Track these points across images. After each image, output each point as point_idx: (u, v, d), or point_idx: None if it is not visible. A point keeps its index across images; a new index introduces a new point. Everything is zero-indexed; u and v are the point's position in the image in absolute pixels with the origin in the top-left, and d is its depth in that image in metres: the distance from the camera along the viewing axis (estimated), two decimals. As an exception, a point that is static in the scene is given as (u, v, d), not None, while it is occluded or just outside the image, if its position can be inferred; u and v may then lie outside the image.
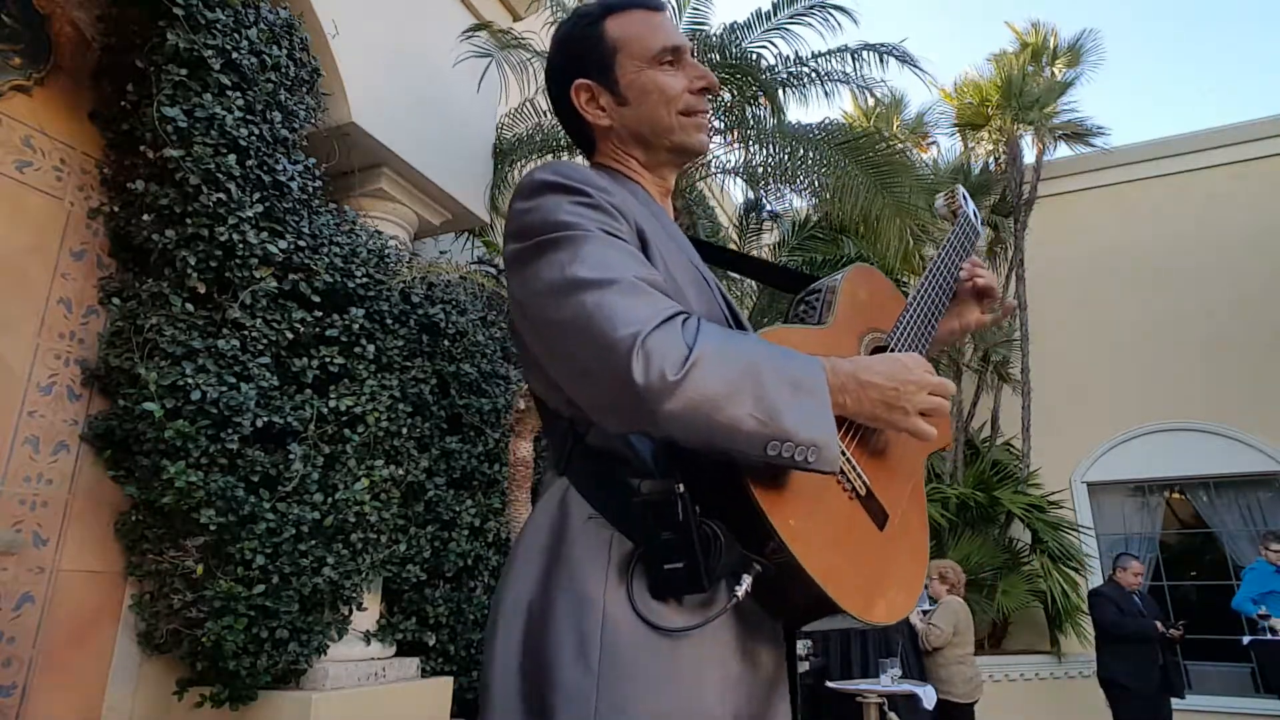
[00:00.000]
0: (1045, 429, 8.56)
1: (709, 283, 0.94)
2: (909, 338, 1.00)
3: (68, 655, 2.93)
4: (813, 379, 0.74)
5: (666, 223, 0.97)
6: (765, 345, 0.76)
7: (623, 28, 0.99)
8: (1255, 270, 8.40)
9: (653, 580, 0.75)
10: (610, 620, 0.74)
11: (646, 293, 0.74)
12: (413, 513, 3.77)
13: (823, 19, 4.80)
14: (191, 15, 2.92)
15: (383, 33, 4.12)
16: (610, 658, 0.73)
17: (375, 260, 3.67)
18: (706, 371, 0.69)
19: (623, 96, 0.99)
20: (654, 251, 0.86)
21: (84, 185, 3.23)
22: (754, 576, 0.73)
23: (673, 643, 0.74)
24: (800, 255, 6.93)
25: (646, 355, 0.68)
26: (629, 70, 0.98)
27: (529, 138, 5.01)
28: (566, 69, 1.01)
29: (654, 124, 0.98)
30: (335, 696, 3.14)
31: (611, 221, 0.82)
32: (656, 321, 0.70)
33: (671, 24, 1.03)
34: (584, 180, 0.85)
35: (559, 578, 0.78)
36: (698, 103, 0.99)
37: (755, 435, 0.70)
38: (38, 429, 2.95)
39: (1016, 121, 9.17)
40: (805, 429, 0.70)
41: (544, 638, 0.76)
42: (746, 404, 0.69)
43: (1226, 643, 7.28)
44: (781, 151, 5.10)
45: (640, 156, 1.01)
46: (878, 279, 1.10)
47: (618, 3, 1.01)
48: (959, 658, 4.79)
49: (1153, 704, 4.95)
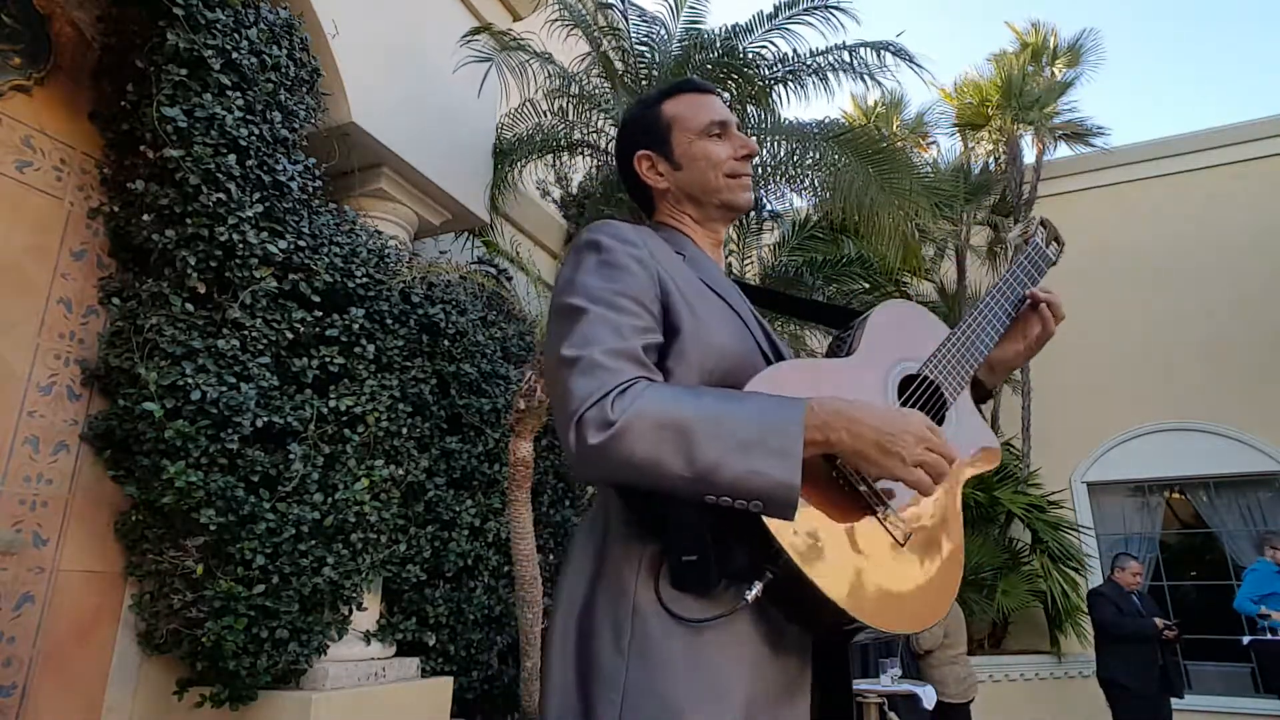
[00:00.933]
0: (1045, 429, 8.56)
1: (745, 321, 1.05)
2: (943, 367, 1.05)
3: (68, 655, 2.93)
4: (777, 432, 0.80)
5: (708, 269, 1.09)
6: (719, 402, 0.83)
7: (676, 107, 1.18)
8: (1255, 270, 8.39)
9: (672, 570, 0.85)
10: (640, 610, 0.85)
11: (602, 370, 0.85)
12: (413, 513, 3.77)
13: (823, 18, 4.80)
14: (191, 15, 2.92)
15: (383, 33, 4.12)
16: (639, 644, 0.84)
17: (375, 260, 3.67)
18: (631, 440, 0.80)
19: (677, 163, 1.16)
20: (675, 296, 0.98)
21: (84, 185, 3.23)
22: (765, 583, 0.81)
23: (695, 634, 0.84)
24: (800, 255, 6.93)
25: (580, 427, 0.82)
26: (682, 141, 1.16)
27: (529, 137, 5.01)
28: (631, 144, 1.20)
29: (703, 185, 1.15)
30: (335, 696, 3.14)
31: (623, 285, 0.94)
32: (595, 398, 0.82)
33: (719, 104, 1.19)
34: (617, 238, 0.99)
35: (602, 573, 0.90)
36: (741, 167, 1.16)
37: (689, 491, 0.81)
38: (38, 429, 2.95)
39: (1016, 121, 9.17)
40: (747, 483, 0.78)
41: (588, 626, 0.88)
42: (676, 465, 0.80)
43: (1226, 643, 7.28)
44: (779, 149, 5.10)
45: (692, 213, 1.18)
46: (913, 312, 1.15)
47: (672, 87, 1.21)
48: (951, 658, 4.81)
49: (1152, 704, 4.95)
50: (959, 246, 9.30)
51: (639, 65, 5.08)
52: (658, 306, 0.96)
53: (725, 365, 0.97)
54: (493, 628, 4.21)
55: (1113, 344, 8.72)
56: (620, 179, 1.24)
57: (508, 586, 4.22)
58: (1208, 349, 8.36)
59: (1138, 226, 9.02)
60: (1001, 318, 1.14)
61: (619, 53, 5.13)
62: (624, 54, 5.11)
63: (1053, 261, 1.26)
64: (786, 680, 0.90)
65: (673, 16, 5.14)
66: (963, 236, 9.28)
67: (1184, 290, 8.65)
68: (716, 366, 0.96)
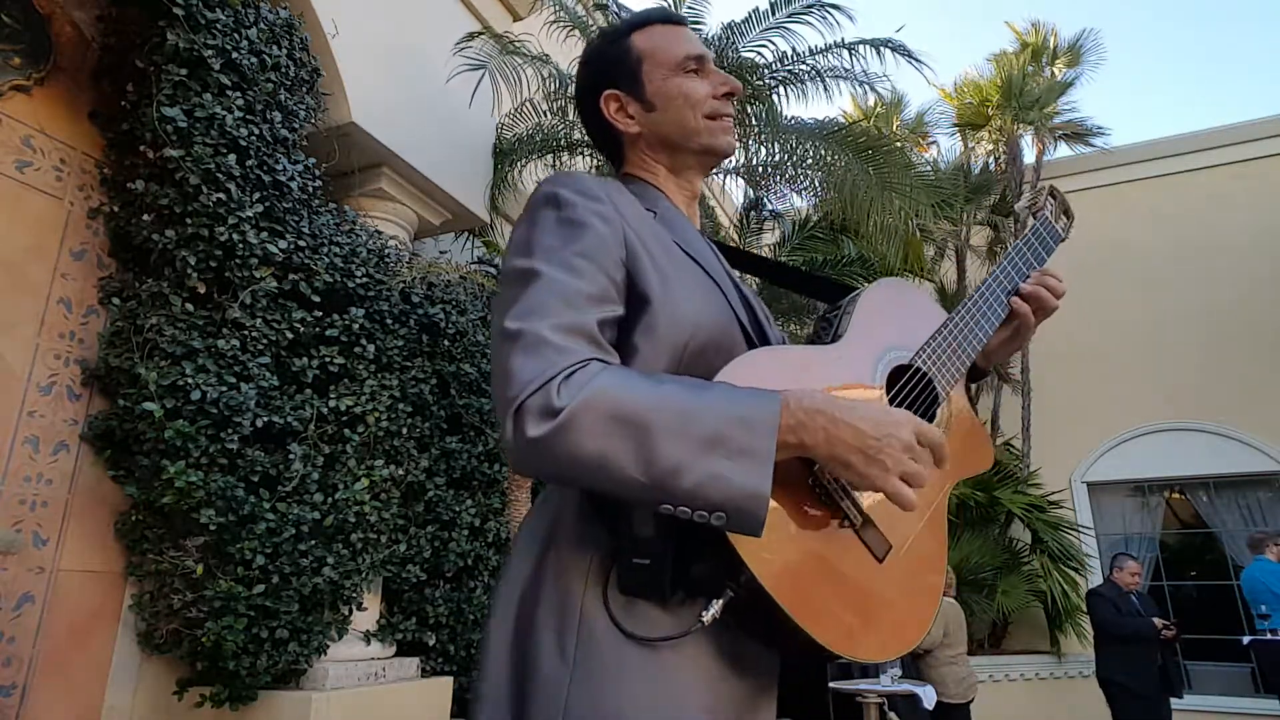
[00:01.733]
0: (1045, 429, 8.57)
1: (724, 290, 0.93)
2: (938, 357, 0.94)
3: (68, 655, 2.93)
4: (746, 429, 0.70)
5: (682, 229, 0.97)
6: (683, 394, 0.72)
7: (648, 39, 1.04)
8: (1256, 270, 8.40)
9: (620, 572, 0.75)
10: (587, 616, 0.75)
11: (549, 347, 0.73)
12: (413, 513, 3.77)
13: (821, 17, 4.80)
14: (191, 15, 2.92)
15: (383, 33, 4.12)
16: (585, 651, 0.74)
17: (375, 260, 3.67)
18: (578, 434, 0.68)
19: (650, 103, 1.03)
20: (644, 260, 0.86)
21: (84, 185, 3.23)
22: (726, 601, 0.72)
23: (645, 648, 0.74)
24: (801, 255, 6.93)
25: (519, 417, 0.70)
26: (655, 78, 1.03)
27: (529, 137, 5.01)
28: (596, 83, 1.06)
29: (680, 127, 1.02)
30: (335, 696, 3.14)
31: (583, 244, 0.82)
32: (539, 382, 0.70)
33: (694, 37, 1.07)
34: (578, 191, 0.87)
35: (549, 570, 0.80)
36: (722, 106, 1.03)
37: (644, 496, 0.69)
38: (38, 429, 2.95)
39: (1016, 121, 9.18)
40: (709, 491, 0.67)
41: (530, 627, 0.78)
42: (629, 466, 0.68)
43: (1226, 643, 7.28)
44: (778, 147, 5.10)
45: (666, 162, 1.05)
46: (908, 293, 1.04)
47: (641, 18, 1.07)
48: (950, 659, 4.81)
49: (1152, 704, 4.95)
50: (959, 246, 9.31)
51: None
52: (621, 272, 0.84)
53: (699, 340, 0.85)
54: (493, 628, 4.20)
55: (1113, 344, 8.72)
56: (583, 123, 1.10)
57: (508, 586, 4.21)
58: (1208, 349, 8.36)
59: (1138, 226, 9.02)
60: (1004, 301, 1.04)
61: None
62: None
63: (1062, 237, 1.15)
64: (751, 691, 0.81)
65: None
66: (963, 236, 9.29)
67: (1184, 290, 8.65)
68: (690, 342, 0.84)
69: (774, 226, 7.78)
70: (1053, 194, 1.15)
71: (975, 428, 1.00)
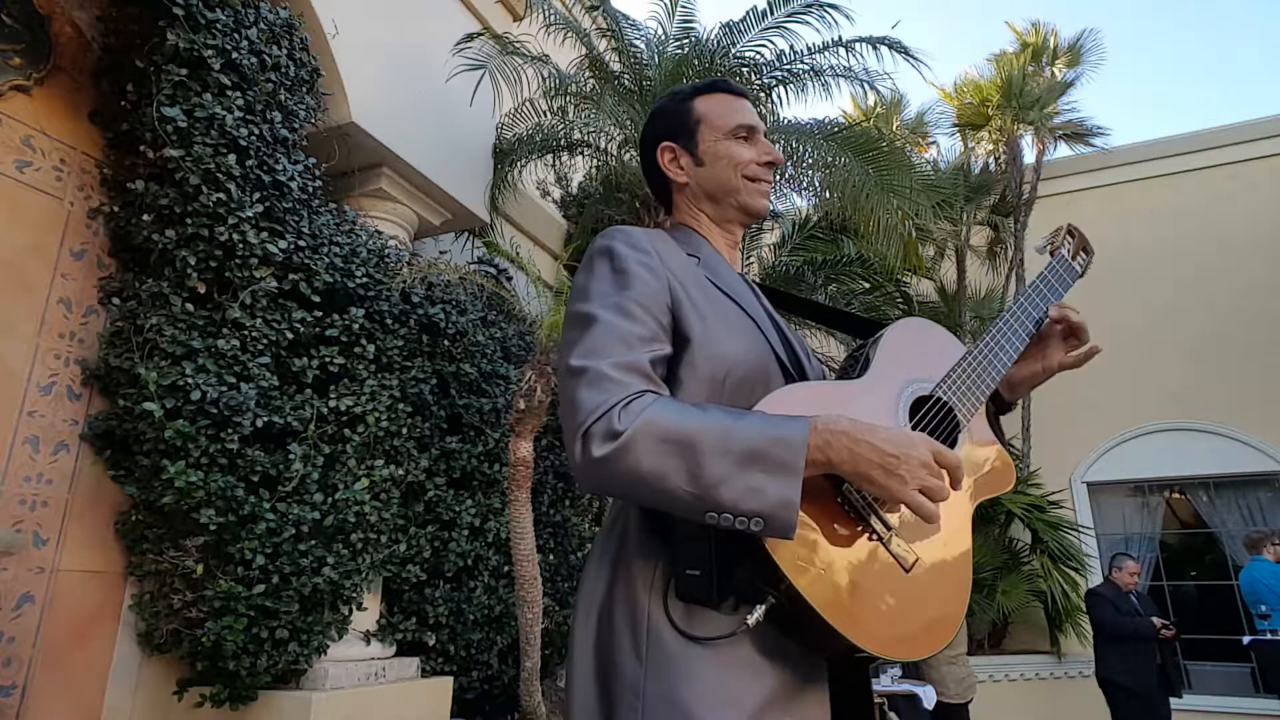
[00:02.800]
0: (1045, 429, 8.56)
1: (761, 327, 1.04)
2: (957, 388, 1.03)
3: (68, 655, 2.93)
4: (779, 447, 0.80)
5: (722, 273, 1.09)
6: (724, 419, 0.83)
7: (708, 105, 1.18)
8: (1255, 270, 8.40)
9: (677, 581, 0.87)
10: (653, 620, 0.88)
11: (609, 381, 0.86)
12: (413, 513, 3.77)
13: (819, 16, 4.80)
14: (191, 15, 2.92)
15: (383, 33, 4.12)
16: (655, 652, 0.86)
17: (375, 260, 3.67)
18: (636, 453, 0.80)
19: (700, 159, 1.16)
20: (685, 305, 0.98)
21: (84, 185, 3.23)
22: (768, 607, 0.82)
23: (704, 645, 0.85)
24: (801, 255, 6.92)
25: (586, 440, 0.82)
26: (708, 139, 1.16)
27: (529, 137, 5.01)
28: (657, 135, 1.20)
29: (723, 184, 1.15)
30: (335, 696, 3.14)
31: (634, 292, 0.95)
32: (602, 410, 0.83)
33: (750, 109, 1.19)
34: (630, 244, 1.01)
35: (620, 583, 0.92)
36: (763, 172, 1.16)
37: (692, 508, 0.80)
38: (38, 429, 2.95)
39: (1016, 121, 9.17)
40: (747, 501, 0.78)
41: (609, 633, 0.91)
42: (680, 480, 0.80)
43: (1226, 643, 7.28)
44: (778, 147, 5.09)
45: (709, 212, 1.18)
46: (928, 330, 1.13)
47: (706, 85, 1.21)
48: (950, 658, 4.81)
49: (1151, 703, 4.95)
50: (959, 246, 9.30)
51: (635, 65, 5.08)
52: (668, 316, 0.97)
53: (738, 374, 0.97)
54: (493, 628, 4.21)
55: (1113, 344, 8.68)
56: (641, 169, 1.25)
57: (508, 586, 4.22)
58: (1208, 349, 8.36)
59: (1138, 226, 9.02)
60: (1022, 335, 1.11)
61: (616, 54, 5.14)
62: (620, 55, 5.11)
63: (1079, 274, 1.20)
64: (801, 681, 0.90)
65: (668, 16, 5.15)
66: (963, 236, 9.29)
67: (1184, 290, 8.65)
68: (728, 375, 0.96)
69: (774, 226, 7.78)
70: (1070, 232, 1.20)
71: (997, 452, 1.08)
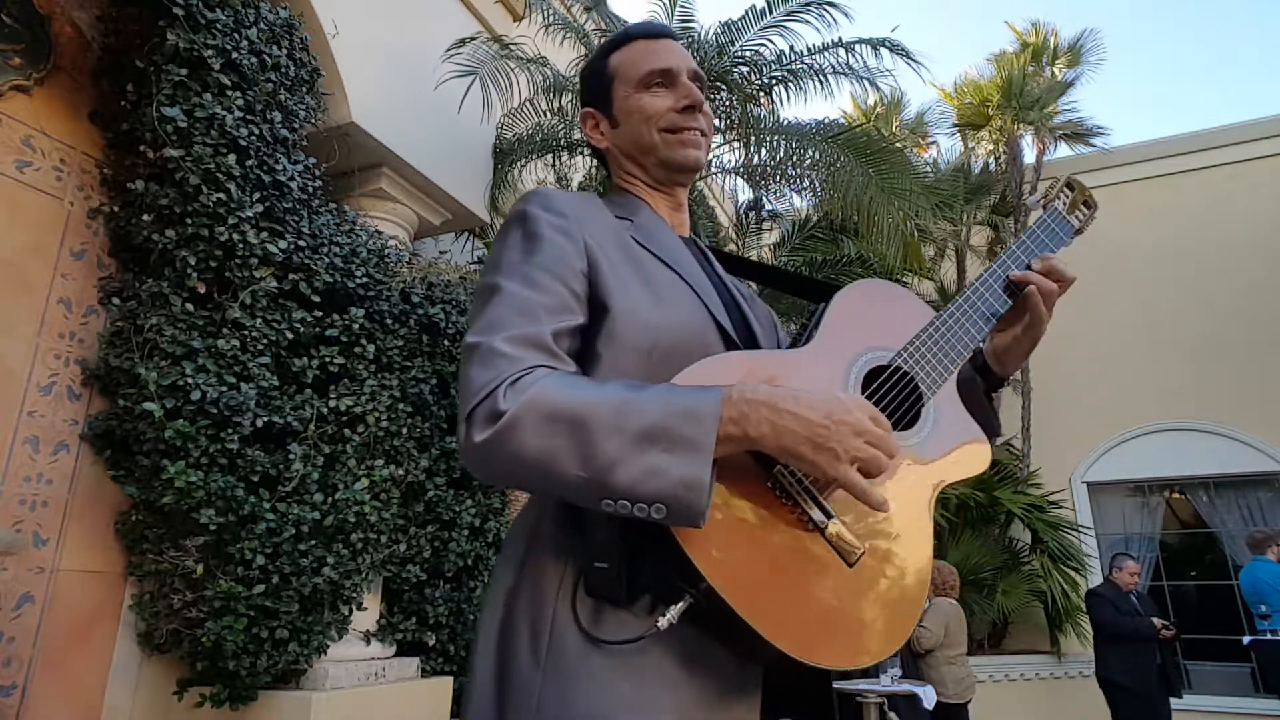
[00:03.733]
0: (1045, 429, 8.57)
1: (701, 294, 0.94)
2: (921, 356, 0.90)
3: (68, 655, 2.93)
4: (684, 421, 0.70)
5: (659, 237, 0.99)
6: (623, 392, 0.73)
7: (621, 58, 1.06)
8: (1255, 270, 8.40)
9: (585, 575, 0.77)
10: (558, 620, 0.77)
11: (500, 357, 0.77)
12: (413, 513, 3.77)
13: (819, 15, 4.80)
14: (191, 15, 2.92)
15: (383, 33, 4.12)
16: (555, 656, 0.76)
17: (375, 260, 3.67)
18: (520, 435, 0.71)
19: (615, 120, 1.06)
20: (605, 270, 0.89)
21: (84, 185, 3.22)
22: (685, 607, 0.72)
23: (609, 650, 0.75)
24: (801, 255, 6.93)
25: (470, 423, 0.74)
26: (620, 95, 1.05)
27: (529, 137, 5.02)
28: (582, 102, 1.12)
29: (639, 142, 1.04)
30: (335, 696, 3.14)
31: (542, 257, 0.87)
32: (489, 390, 0.74)
33: (669, 48, 1.06)
34: (543, 206, 0.92)
35: (527, 576, 0.82)
36: (682, 120, 1.03)
37: (585, 494, 0.71)
38: (38, 429, 2.95)
39: (1017, 121, 9.18)
40: (646, 484, 0.68)
41: (510, 631, 0.80)
42: (570, 463, 0.70)
43: (1226, 643, 7.28)
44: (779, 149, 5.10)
45: (639, 175, 1.07)
46: (893, 294, 0.99)
47: (621, 36, 1.09)
48: (950, 659, 4.81)
49: (1151, 703, 4.96)
50: (959, 246, 9.31)
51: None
52: (581, 283, 0.87)
53: (665, 344, 0.85)
54: (493, 628, 4.20)
55: (1113, 344, 8.72)
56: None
57: (508, 586, 4.21)
58: (1208, 349, 8.36)
59: (1138, 226, 9.02)
60: (1000, 295, 0.97)
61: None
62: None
63: (1076, 228, 1.07)
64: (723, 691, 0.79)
65: (667, 16, 5.15)
66: (963, 236, 9.30)
67: (1184, 290, 8.66)
68: (654, 347, 0.85)
69: (773, 226, 7.78)
70: (1069, 185, 1.09)
71: (969, 426, 0.94)
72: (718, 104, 5.13)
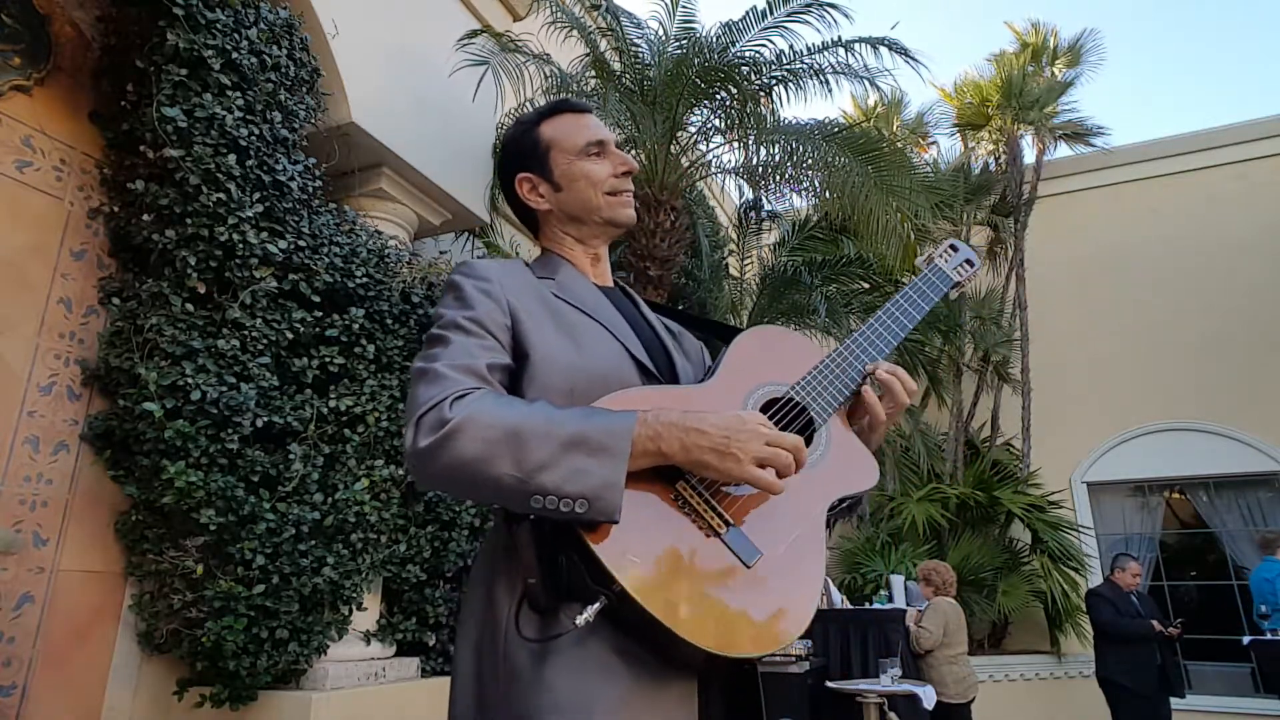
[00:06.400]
0: (1045, 429, 8.56)
1: (620, 337, 1.07)
2: (812, 388, 1.03)
3: (68, 655, 2.93)
4: (603, 433, 0.84)
5: (578, 290, 1.13)
6: (550, 410, 0.87)
7: (554, 128, 1.19)
8: (1255, 270, 8.40)
9: (526, 594, 0.89)
10: (509, 638, 0.89)
11: (444, 379, 0.90)
12: (413, 513, 3.77)
13: (819, 15, 4.80)
14: (191, 15, 2.92)
15: (383, 33, 4.12)
16: (509, 669, 0.87)
17: (375, 260, 3.67)
18: (462, 440, 0.83)
19: (557, 184, 1.18)
20: (525, 323, 1.03)
21: (84, 185, 3.23)
22: (601, 606, 0.81)
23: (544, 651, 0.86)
24: (800, 255, 6.93)
25: (417, 430, 0.86)
26: (561, 162, 1.17)
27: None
28: (511, 166, 1.21)
29: (585, 204, 1.17)
30: (335, 696, 3.14)
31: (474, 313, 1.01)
32: (434, 402, 0.87)
33: (596, 123, 1.20)
34: (469, 275, 1.06)
35: (492, 593, 0.94)
36: (621, 184, 1.18)
37: (515, 492, 0.83)
38: (38, 429, 2.95)
39: (1017, 121, 9.18)
40: (571, 483, 0.81)
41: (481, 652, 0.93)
42: (505, 465, 0.83)
43: (1226, 643, 7.28)
44: (778, 148, 5.10)
45: (574, 232, 1.20)
46: (786, 338, 1.14)
47: (548, 109, 1.22)
48: (950, 658, 4.80)
49: (1152, 704, 4.96)
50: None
51: (635, 65, 5.08)
52: (507, 334, 1.02)
53: (583, 384, 0.98)
54: (493, 628, 4.20)
55: (1112, 344, 8.72)
56: (506, 200, 1.27)
57: (508, 586, 4.21)
58: (1208, 349, 8.36)
59: (1138, 226, 9.02)
60: (888, 339, 1.10)
61: (616, 53, 5.14)
62: (621, 55, 5.12)
63: (954, 280, 1.21)
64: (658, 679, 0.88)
65: (669, 16, 5.15)
66: (963, 236, 9.29)
67: (1184, 290, 8.65)
68: (574, 386, 0.98)
69: (773, 226, 7.78)
70: (953, 247, 1.23)
71: (858, 449, 1.06)
72: (718, 104, 5.13)
